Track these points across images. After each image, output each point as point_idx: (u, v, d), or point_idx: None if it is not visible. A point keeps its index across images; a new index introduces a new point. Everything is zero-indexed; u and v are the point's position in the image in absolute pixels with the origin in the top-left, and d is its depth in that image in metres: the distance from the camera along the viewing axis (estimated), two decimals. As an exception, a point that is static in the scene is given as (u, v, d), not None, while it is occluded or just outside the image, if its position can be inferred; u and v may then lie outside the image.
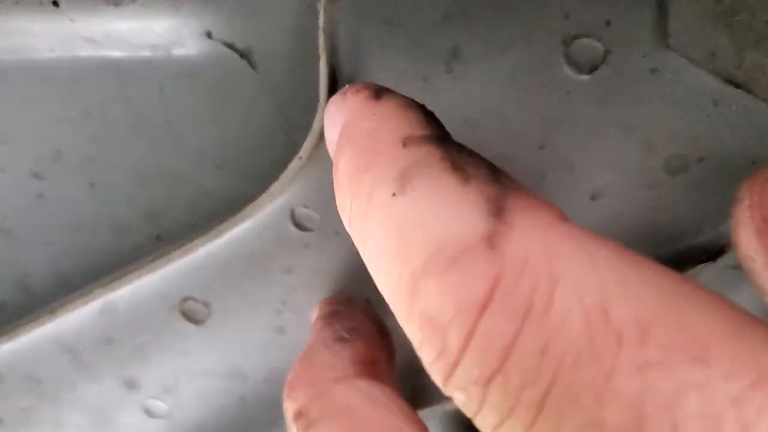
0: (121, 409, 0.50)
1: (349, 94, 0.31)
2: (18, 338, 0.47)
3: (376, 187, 0.26)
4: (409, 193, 0.24)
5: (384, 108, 0.29)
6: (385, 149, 0.27)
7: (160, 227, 0.43)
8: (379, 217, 0.25)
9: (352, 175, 0.28)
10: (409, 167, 0.25)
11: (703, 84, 0.34)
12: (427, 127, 0.28)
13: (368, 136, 0.28)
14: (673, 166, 0.37)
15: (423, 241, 0.23)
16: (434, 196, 0.24)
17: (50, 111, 0.40)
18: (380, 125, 0.28)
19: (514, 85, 0.35)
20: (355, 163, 0.28)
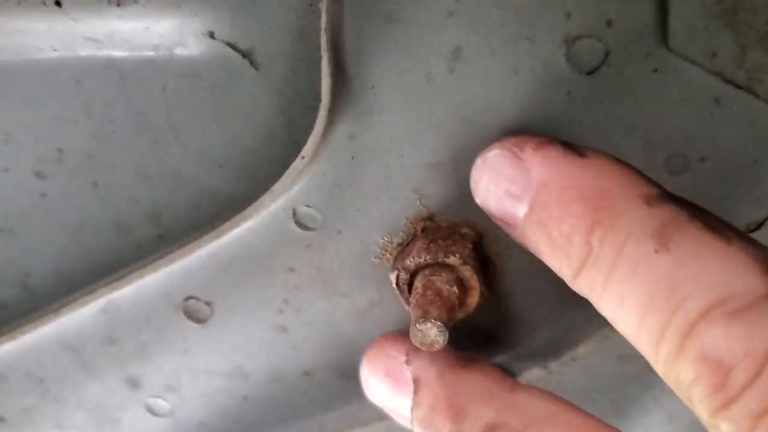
0: (123, 407, 0.51)
1: (529, 150, 0.33)
2: (20, 337, 0.47)
3: (627, 243, 0.29)
4: (674, 251, 0.27)
5: (598, 165, 0.31)
6: (626, 207, 0.30)
7: (162, 226, 0.43)
8: (638, 270, 0.28)
9: (590, 229, 0.30)
10: (663, 226, 0.28)
11: (704, 83, 0.34)
12: (655, 186, 0.31)
13: (598, 194, 0.30)
14: (674, 165, 0.37)
15: (700, 293, 0.26)
16: (701, 254, 0.27)
17: (52, 110, 0.40)
18: (609, 183, 0.30)
19: (515, 85, 0.35)
20: (591, 218, 0.30)
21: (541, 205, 0.32)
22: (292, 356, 0.47)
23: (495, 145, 0.34)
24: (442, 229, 0.40)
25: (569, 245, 0.31)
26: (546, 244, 0.32)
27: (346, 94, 0.35)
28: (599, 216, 0.30)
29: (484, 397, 0.36)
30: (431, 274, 0.39)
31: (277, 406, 0.50)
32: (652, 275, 0.28)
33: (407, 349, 0.40)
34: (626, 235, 0.29)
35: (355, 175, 0.38)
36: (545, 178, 0.32)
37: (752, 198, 0.37)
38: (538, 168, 0.32)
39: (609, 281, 0.29)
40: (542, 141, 0.33)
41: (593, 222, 0.30)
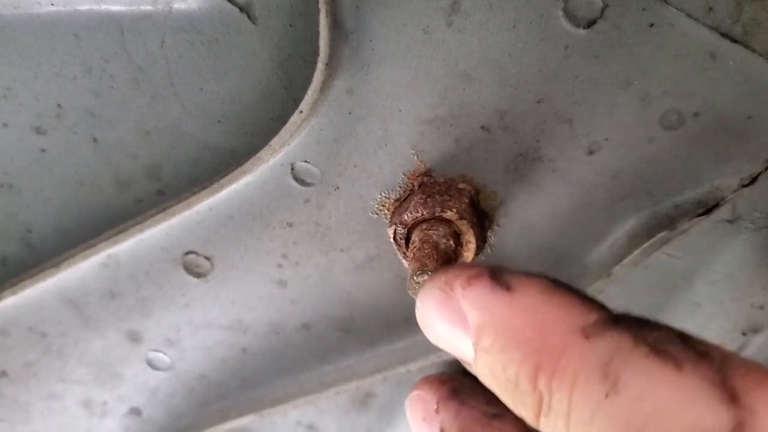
0: (124, 362, 0.51)
1: (459, 288, 0.31)
2: (22, 292, 0.47)
3: (576, 387, 0.27)
4: (624, 392, 0.25)
5: (527, 299, 0.30)
6: (564, 344, 0.28)
7: (161, 181, 0.43)
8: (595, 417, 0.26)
9: (534, 375, 0.28)
10: (608, 361, 0.26)
11: (700, 38, 0.34)
12: (591, 309, 0.28)
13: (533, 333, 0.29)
14: (669, 120, 0.37)
15: None
16: (654, 390, 0.25)
17: (52, 66, 0.40)
18: (542, 318, 0.29)
19: (512, 39, 0.35)
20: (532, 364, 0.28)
21: (482, 350, 0.31)
22: (291, 310, 0.47)
23: (428, 283, 0.34)
24: (438, 184, 0.40)
25: (519, 392, 0.29)
26: (498, 389, 0.31)
27: (344, 48, 0.35)
28: (539, 360, 0.28)
29: None
30: (428, 228, 0.39)
31: (275, 358, 0.50)
32: (612, 422, 0.26)
33: (439, 398, 0.41)
34: (571, 381, 0.27)
35: (353, 130, 0.39)
36: (480, 322, 0.31)
37: (746, 153, 0.38)
38: (470, 312, 0.31)
39: (570, 429, 0.27)
40: (470, 277, 0.32)
41: (535, 367, 0.28)
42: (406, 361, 0.48)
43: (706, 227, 0.41)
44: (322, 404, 0.55)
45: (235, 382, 0.52)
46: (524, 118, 0.37)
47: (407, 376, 0.50)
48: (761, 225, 0.41)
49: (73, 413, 0.54)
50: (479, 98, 0.37)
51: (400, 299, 0.46)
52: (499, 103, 0.37)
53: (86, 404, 0.54)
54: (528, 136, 0.38)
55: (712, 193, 0.39)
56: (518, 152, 0.39)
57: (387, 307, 0.47)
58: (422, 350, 0.48)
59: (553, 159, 0.39)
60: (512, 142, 0.38)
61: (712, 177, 0.39)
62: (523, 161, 0.39)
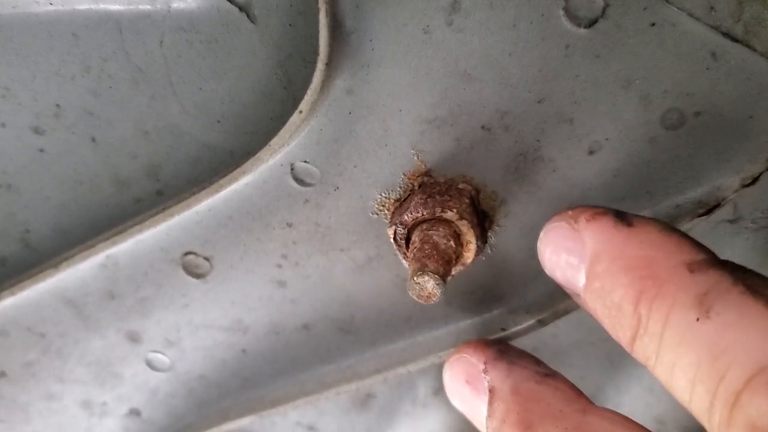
0: (124, 362, 0.51)
1: (583, 220, 0.34)
2: (21, 293, 0.47)
3: (672, 312, 0.29)
4: (714, 318, 0.28)
5: (644, 234, 0.32)
6: (670, 275, 0.30)
7: (160, 181, 0.43)
8: (683, 339, 0.29)
9: (638, 298, 0.31)
10: (706, 293, 0.29)
11: (701, 37, 0.34)
12: (700, 251, 0.31)
13: (644, 263, 0.31)
14: (670, 120, 0.37)
15: (741, 362, 0.26)
16: (741, 320, 0.27)
17: (50, 65, 0.40)
18: (654, 252, 0.31)
19: (513, 39, 0.35)
20: (637, 288, 0.31)
21: (594, 276, 0.33)
22: (291, 310, 0.47)
23: (555, 217, 0.36)
24: (439, 185, 0.40)
25: (621, 315, 0.32)
26: (602, 313, 0.33)
27: (344, 47, 0.35)
28: (644, 285, 0.31)
29: (554, 416, 0.36)
30: (428, 229, 0.39)
31: (275, 359, 0.50)
32: (697, 344, 0.28)
33: (486, 358, 0.41)
34: (670, 304, 0.30)
35: (353, 130, 0.38)
36: (597, 250, 0.33)
37: (747, 152, 0.38)
38: (590, 240, 0.33)
39: (660, 350, 0.30)
40: (596, 212, 0.34)
41: (639, 292, 0.31)
42: (406, 362, 0.48)
43: (707, 227, 0.41)
44: (322, 405, 0.55)
45: (234, 383, 0.52)
46: (525, 117, 0.37)
47: (407, 376, 0.50)
48: (762, 225, 0.41)
49: (73, 413, 0.54)
50: (479, 98, 0.37)
51: (401, 299, 0.46)
52: (499, 102, 0.37)
53: (86, 405, 0.54)
54: (528, 135, 0.38)
55: (713, 193, 0.39)
56: (519, 152, 0.39)
57: (387, 307, 0.47)
58: (423, 351, 0.48)
59: (553, 159, 0.39)
60: (513, 141, 0.38)
61: (713, 177, 0.39)
62: (523, 161, 0.39)
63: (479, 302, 0.46)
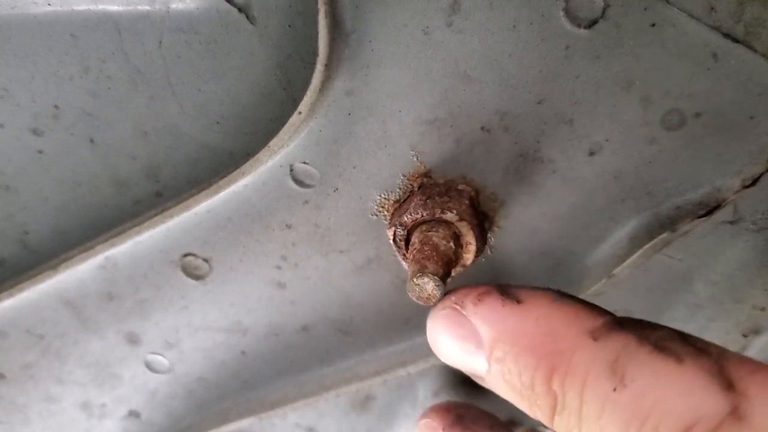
0: (123, 364, 0.51)
1: (470, 305, 0.34)
2: (19, 294, 0.47)
3: (587, 384, 0.30)
4: (631, 385, 0.28)
5: (537, 309, 0.33)
6: (575, 346, 0.31)
7: (159, 183, 0.43)
8: (604, 411, 0.29)
9: (549, 376, 0.31)
10: (616, 359, 0.29)
11: (702, 38, 0.34)
12: (597, 315, 0.31)
13: (546, 339, 0.32)
14: (671, 121, 0.37)
15: (668, 424, 0.27)
16: (658, 382, 0.28)
17: (49, 66, 0.39)
18: (552, 325, 0.32)
19: (513, 39, 0.35)
20: (547, 367, 0.31)
21: (497, 360, 0.33)
22: (290, 311, 0.47)
23: (439, 305, 0.36)
24: (438, 186, 0.40)
25: (535, 395, 0.32)
26: (513, 395, 0.33)
27: (344, 48, 0.35)
28: (553, 362, 0.31)
29: None
30: (428, 230, 0.39)
31: (275, 360, 0.50)
32: (619, 413, 0.28)
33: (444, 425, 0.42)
34: (583, 378, 0.30)
35: (352, 131, 0.38)
36: (493, 335, 0.33)
37: (748, 153, 0.37)
38: (483, 325, 0.34)
39: (581, 425, 0.30)
40: (480, 293, 0.34)
41: (550, 369, 0.31)
42: (405, 364, 0.48)
43: (708, 229, 0.41)
44: (321, 406, 0.55)
45: (234, 384, 0.52)
46: (525, 118, 0.37)
47: (407, 378, 0.50)
48: (762, 226, 0.41)
49: (72, 415, 0.54)
50: (479, 99, 0.37)
51: (400, 301, 0.46)
52: (499, 103, 0.37)
53: (85, 406, 0.54)
54: (528, 136, 0.38)
55: (714, 194, 0.39)
56: (518, 153, 0.39)
57: (386, 308, 0.47)
58: (422, 353, 0.48)
59: (553, 160, 0.39)
60: (512, 142, 0.38)
61: (714, 178, 0.39)
62: (523, 162, 0.39)
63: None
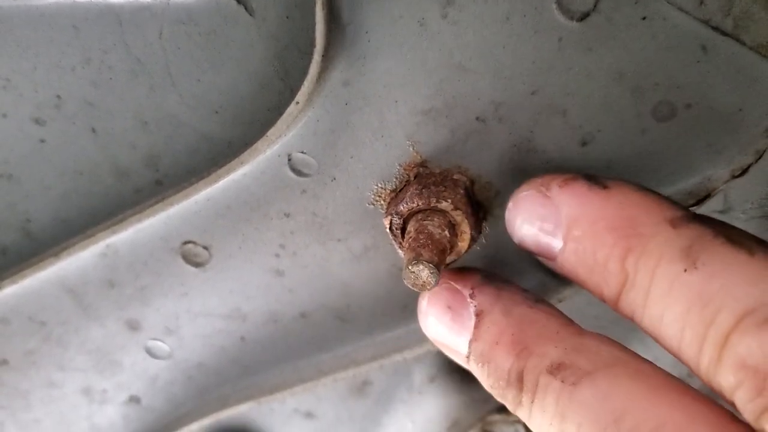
0: (124, 350, 0.52)
1: (555, 187, 0.35)
2: (21, 281, 0.48)
3: (660, 265, 0.31)
4: (701, 269, 0.29)
5: (622, 195, 0.34)
6: (654, 232, 0.32)
7: (160, 172, 0.44)
8: (672, 290, 0.30)
9: (624, 255, 0.32)
10: (690, 245, 0.30)
11: (692, 31, 0.35)
12: (678, 208, 0.32)
13: (626, 222, 0.32)
14: (661, 112, 0.37)
15: (730, 306, 0.28)
16: (727, 269, 0.29)
17: (51, 57, 0.40)
18: (634, 211, 0.33)
19: (507, 31, 0.35)
20: (623, 246, 0.32)
21: (574, 239, 0.34)
22: (289, 299, 0.48)
23: (524, 187, 0.37)
24: (434, 175, 0.40)
25: (606, 272, 0.33)
26: (584, 273, 0.34)
27: (340, 39, 0.36)
28: (630, 243, 0.32)
29: (551, 337, 0.35)
30: (424, 219, 0.39)
31: (273, 347, 0.51)
32: (685, 293, 0.29)
33: (473, 284, 0.39)
34: (657, 258, 0.31)
35: (349, 121, 0.39)
36: (574, 215, 0.34)
37: (738, 144, 0.38)
38: (566, 205, 0.34)
39: (647, 302, 0.31)
40: (567, 178, 0.35)
41: (625, 249, 0.32)
42: (402, 349, 0.49)
43: (698, 218, 0.42)
44: (319, 391, 0.55)
45: (233, 370, 0.52)
46: (519, 109, 0.38)
47: (403, 364, 0.51)
48: (752, 215, 0.41)
49: (73, 401, 0.55)
50: (474, 89, 0.37)
51: (396, 288, 0.47)
52: (493, 94, 0.37)
53: (86, 392, 0.54)
54: (522, 127, 0.38)
55: (704, 184, 0.40)
56: (513, 143, 0.39)
57: (383, 296, 0.47)
58: (418, 338, 0.48)
59: (547, 150, 0.39)
60: (507, 133, 0.39)
61: (704, 168, 0.39)
62: (517, 152, 0.39)
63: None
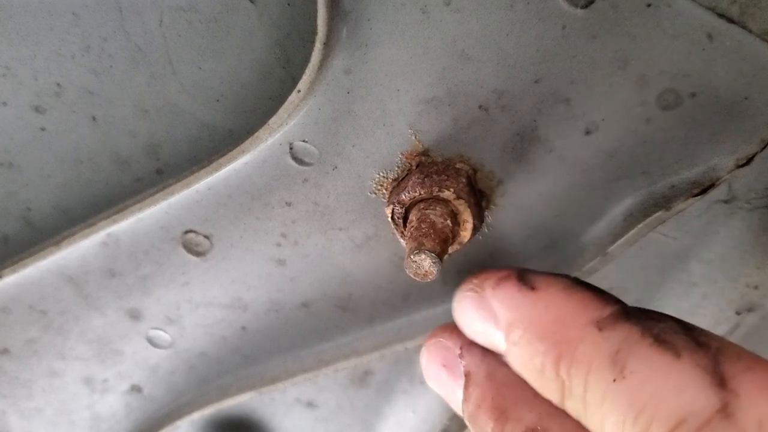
0: (125, 339, 0.52)
1: (489, 289, 0.37)
2: (22, 271, 0.48)
3: (590, 374, 0.31)
4: (629, 377, 0.30)
5: (549, 297, 0.35)
6: (581, 336, 0.32)
7: (160, 160, 0.44)
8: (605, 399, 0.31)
9: (557, 363, 0.33)
10: (618, 351, 0.31)
11: (697, 18, 0.34)
12: (606, 304, 0.33)
13: (555, 327, 0.34)
14: (666, 101, 0.37)
15: (661, 418, 0.28)
16: (655, 375, 0.29)
17: (51, 45, 0.40)
18: (561, 313, 0.34)
19: (510, 19, 0.35)
20: (554, 354, 0.33)
21: (512, 343, 0.36)
22: (290, 288, 0.48)
23: (463, 287, 0.39)
24: (436, 164, 0.40)
25: (545, 379, 0.34)
26: (528, 376, 0.36)
27: (342, 27, 0.36)
28: (560, 350, 0.33)
29: (527, 401, 0.36)
30: (426, 208, 0.39)
31: (275, 336, 0.51)
32: (618, 403, 0.30)
33: (462, 343, 0.41)
34: (587, 366, 0.32)
35: (351, 109, 0.39)
36: (509, 319, 0.36)
37: (742, 133, 0.38)
38: (499, 308, 0.36)
39: (587, 411, 0.32)
40: (499, 278, 0.37)
41: (557, 357, 0.33)
42: (403, 339, 0.49)
43: (702, 207, 0.42)
44: (320, 381, 0.55)
45: (234, 360, 0.52)
46: (522, 97, 0.38)
47: (405, 354, 0.51)
48: (756, 205, 0.41)
49: (74, 390, 0.55)
50: (477, 78, 0.37)
51: (398, 278, 0.47)
52: (496, 82, 0.37)
53: (87, 381, 0.54)
54: (525, 115, 0.38)
55: (708, 173, 0.39)
56: (515, 132, 0.39)
57: (384, 285, 0.47)
58: (419, 328, 0.48)
59: (550, 139, 0.39)
60: (509, 121, 0.38)
61: (708, 157, 0.39)
62: (520, 141, 0.39)
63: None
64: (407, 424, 0.57)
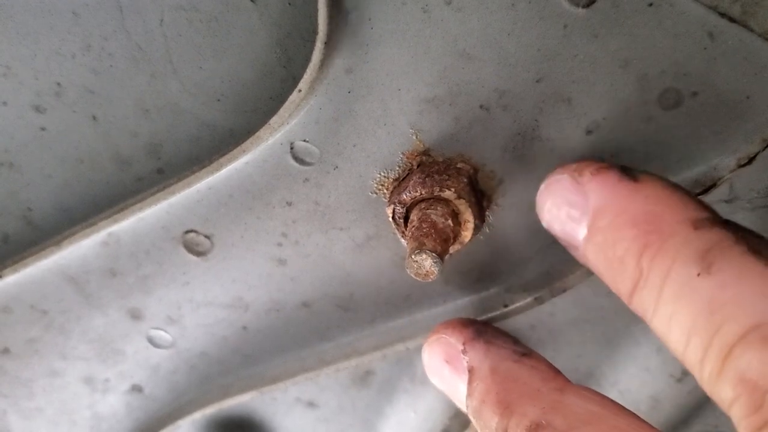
0: (126, 339, 0.52)
1: (588, 174, 0.35)
2: (23, 270, 0.48)
3: (674, 266, 0.30)
4: (715, 275, 0.29)
5: (650, 190, 0.33)
6: (674, 231, 0.31)
7: (161, 160, 0.43)
8: (683, 293, 0.29)
9: (641, 252, 0.32)
10: (708, 249, 0.30)
11: (699, 17, 0.34)
12: (704, 209, 0.32)
13: (649, 218, 0.32)
14: (667, 100, 0.37)
15: (738, 317, 0.27)
16: (741, 278, 0.28)
17: (51, 44, 0.40)
18: (659, 207, 0.32)
19: (511, 18, 0.35)
20: (641, 242, 0.32)
21: (597, 229, 0.34)
22: (291, 288, 0.48)
23: (557, 170, 0.36)
24: (437, 164, 0.40)
25: (622, 267, 0.32)
26: (603, 265, 0.34)
27: (343, 26, 0.35)
28: (648, 240, 0.31)
29: (531, 395, 0.36)
30: (427, 208, 0.39)
31: (276, 336, 0.51)
32: (695, 298, 0.29)
33: (465, 339, 0.41)
34: (673, 259, 0.30)
35: (352, 109, 0.39)
36: (601, 204, 0.34)
37: (744, 132, 0.38)
38: (594, 194, 0.34)
39: (658, 303, 0.31)
40: (601, 167, 0.34)
41: (643, 245, 0.31)
42: (404, 339, 0.49)
43: (704, 207, 0.41)
44: (321, 381, 0.55)
45: (235, 360, 0.52)
46: (523, 97, 0.38)
47: (406, 354, 0.51)
48: (758, 205, 0.41)
49: (75, 390, 0.55)
50: (478, 77, 0.37)
51: (399, 278, 0.47)
52: (498, 82, 0.37)
53: (88, 381, 0.54)
54: (527, 115, 0.38)
55: (710, 172, 0.39)
56: (517, 131, 0.39)
57: (386, 285, 0.47)
58: (420, 328, 0.48)
59: (551, 138, 0.39)
60: (511, 121, 0.38)
61: (710, 157, 0.39)
62: (521, 141, 0.39)
63: (477, 281, 0.47)
64: (409, 424, 0.57)
